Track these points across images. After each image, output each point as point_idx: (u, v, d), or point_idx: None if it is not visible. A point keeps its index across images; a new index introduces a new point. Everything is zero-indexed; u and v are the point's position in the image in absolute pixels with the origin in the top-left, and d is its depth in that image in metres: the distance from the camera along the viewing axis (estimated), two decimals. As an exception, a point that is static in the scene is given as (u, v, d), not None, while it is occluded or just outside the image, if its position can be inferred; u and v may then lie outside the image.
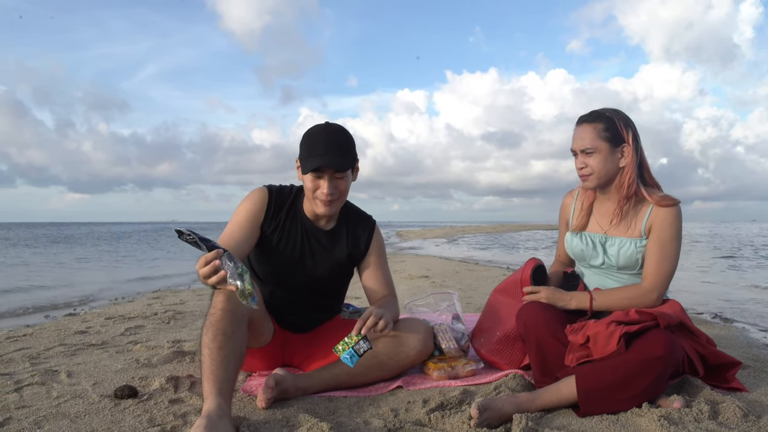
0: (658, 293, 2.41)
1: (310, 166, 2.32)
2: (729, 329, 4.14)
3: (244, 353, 2.13)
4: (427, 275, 8.21)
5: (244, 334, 2.13)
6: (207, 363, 1.98)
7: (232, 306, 2.09)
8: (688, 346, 2.25)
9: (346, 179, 2.42)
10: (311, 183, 2.38)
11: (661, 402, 2.11)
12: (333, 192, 2.37)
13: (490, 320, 2.73)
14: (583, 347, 2.21)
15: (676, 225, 2.42)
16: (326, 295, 2.70)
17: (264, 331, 2.45)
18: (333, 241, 2.59)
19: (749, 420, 1.99)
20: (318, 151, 2.34)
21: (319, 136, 2.38)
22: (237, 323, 2.09)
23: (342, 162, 2.36)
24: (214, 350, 1.99)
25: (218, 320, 2.05)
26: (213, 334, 2.02)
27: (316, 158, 2.32)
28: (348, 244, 2.61)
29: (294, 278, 2.56)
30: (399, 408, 2.18)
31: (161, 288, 8.05)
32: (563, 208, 2.76)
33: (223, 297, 2.10)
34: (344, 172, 2.38)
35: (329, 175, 2.36)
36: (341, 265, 2.62)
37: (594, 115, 2.46)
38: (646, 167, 2.48)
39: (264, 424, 1.98)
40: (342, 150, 2.37)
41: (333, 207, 2.44)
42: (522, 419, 1.92)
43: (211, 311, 2.09)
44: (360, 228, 2.65)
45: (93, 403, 2.23)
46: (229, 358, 2.00)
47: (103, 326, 4.16)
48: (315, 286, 2.61)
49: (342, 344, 2.21)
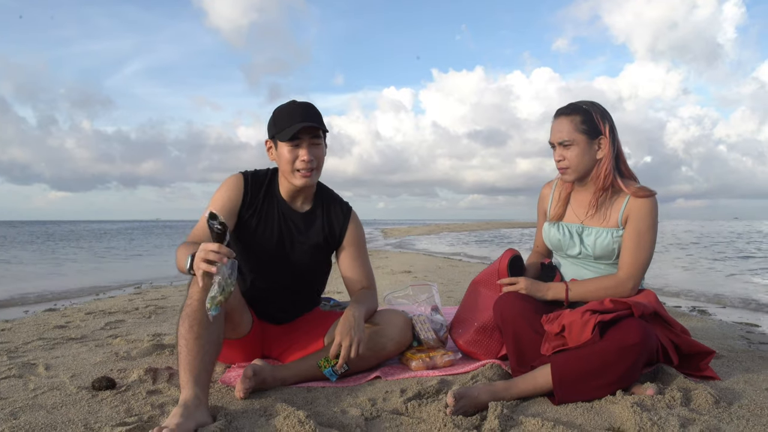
0: (634, 283, 2.44)
1: (289, 134, 2.33)
2: (706, 321, 4.20)
3: (221, 343, 2.13)
4: (410, 270, 8.23)
5: (220, 324, 2.13)
6: (183, 353, 1.99)
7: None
8: (663, 335, 2.28)
9: (321, 147, 2.44)
10: (290, 154, 2.38)
11: (635, 389, 2.15)
12: (312, 159, 2.38)
13: (468, 311, 2.75)
14: (558, 336, 2.23)
15: (653, 215, 2.45)
16: (305, 283, 2.69)
17: (242, 322, 2.45)
18: (309, 223, 2.58)
19: (720, 406, 2.03)
20: (295, 119, 2.35)
21: (291, 107, 2.41)
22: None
23: (317, 123, 2.38)
24: (190, 341, 2.00)
25: (194, 311, 2.05)
26: (189, 325, 2.02)
27: (293, 126, 2.34)
28: (324, 227, 2.60)
29: (272, 263, 2.54)
30: (377, 397, 2.19)
31: (143, 284, 8.00)
32: (541, 198, 2.79)
33: (199, 288, 2.10)
34: (320, 137, 2.41)
35: (307, 142, 2.37)
36: (318, 247, 2.60)
37: (571, 107, 2.48)
38: (623, 159, 2.51)
39: (242, 413, 1.98)
40: (316, 116, 2.41)
41: (313, 177, 2.43)
42: (497, 407, 1.95)
43: (188, 302, 2.09)
44: (335, 211, 2.64)
45: (70, 394, 2.22)
46: (206, 349, 2.00)
47: (83, 321, 4.14)
48: (293, 271, 2.59)
49: (324, 361, 2.33)
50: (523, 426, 1.87)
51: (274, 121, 2.42)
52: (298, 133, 2.34)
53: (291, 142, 2.36)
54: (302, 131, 2.35)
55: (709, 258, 12.88)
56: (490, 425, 1.84)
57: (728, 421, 1.90)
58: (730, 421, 1.91)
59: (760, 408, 2.03)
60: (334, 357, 2.26)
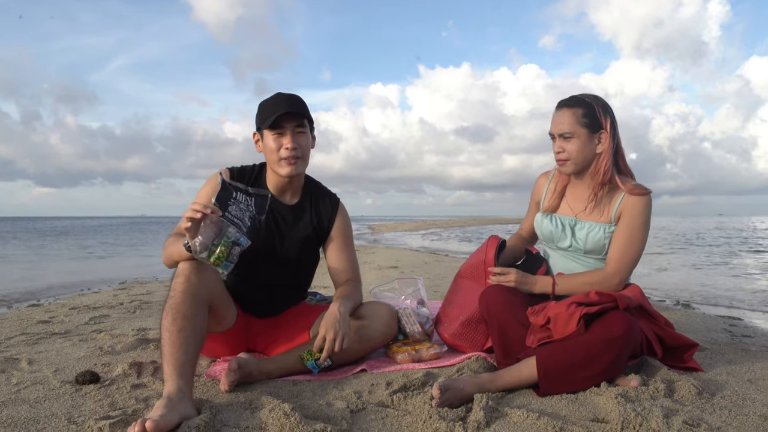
0: (621, 278, 2.46)
1: (271, 120, 2.34)
2: (689, 315, 4.23)
3: (204, 336, 2.12)
4: (396, 266, 8.24)
5: (204, 317, 2.12)
6: (167, 346, 1.97)
7: (192, 289, 2.08)
8: (647, 328, 2.29)
9: (306, 136, 2.44)
10: (274, 142, 2.38)
11: (619, 381, 2.16)
12: (296, 147, 2.38)
13: (454, 304, 2.75)
14: (543, 328, 2.24)
15: (646, 214, 2.46)
16: (292, 276, 2.68)
17: (227, 316, 2.44)
18: (297, 216, 2.58)
19: (703, 397, 2.05)
20: (277, 108, 2.36)
21: (275, 97, 2.41)
22: (197, 306, 2.08)
23: (299, 110, 2.38)
24: (173, 333, 1.99)
25: (178, 303, 2.04)
26: (173, 317, 2.02)
27: (278, 111, 2.34)
28: (312, 219, 2.60)
29: (260, 258, 2.52)
30: (362, 390, 2.19)
31: (128, 279, 7.95)
32: (537, 186, 2.78)
33: (182, 280, 2.09)
34: (304, 125, 2.41)
35: (291, 130, 2.37)
36: (307, 240, 2.59)
37: (574, 100, 2.48)
38: (622, 155, 2.51)
39: (227, 406, 1.97)
40: (300, 104, 2.41)
41: (298, 166, 2.43)
42: (483, 399, 1.95)
43: (171, 294, 2.08)
44: (323, 202, 2.64)
45: (53, 388, 2.20)
46: (189, 341, 1.99)
47: (67, 316, 4.11)
48: (281, 265, 2.58)
49: (307, 354, 2.33)
50: (508, 417, 1.88)
51: (259, 112, 2.43)
52: (281, 121, 2.35)
53: (275, 130, 2.37)
54: (286, 120, 2.35)
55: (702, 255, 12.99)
56: (476, 417, 1.84)
57: (711, 412, 1.92)
58: (712, 411, 1.93)
59: (742, 399, 2.05)
60: (318, 350, 2.26)
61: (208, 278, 2.18)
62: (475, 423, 1.81)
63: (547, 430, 1.78)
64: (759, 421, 1.84)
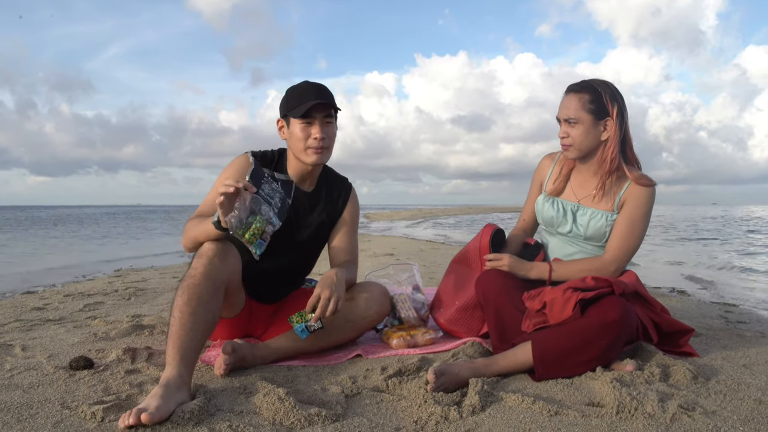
0: (617, 266, 2.45)
1: (301, 110, 2.32)
2: (685, 301, 4.24)
3: (216, 322, 2.09)
4: (392, 253, 8.24)
5: (219, 302, 2.10)
6: (175, 327, 1.94)
7: (213, 272, 2.05)
8: (643, 314, 2.29)
9: (333, 126, 2.43)
10: (302, 132, 2.36)
11: (615, 366, 2.16)
12: (324, 137, 2.37)
13: (449, 290, 2.75)
14: (539, 313, 2.24)
15: (649, 205, 2.45)
16: (305, 261, 2.71)
17: (236, 302, 2.43)
18: (313, 203, 2.58)
19: (698, 382, 2.05)
20: (308, 96, 2.35)
21: (304, 86, 2.40)
22: (214, 290, 2.06)
23: (330, 101, 2.37)
24: (186, 314, 1.95)
25: (196, 284, 2.01)
26: (188, 298, 1.98)
27: (306, 103, 2.33)
28: (327, 206, 2.61)
29: (278, 243, 2.48)
30: (357, 375, 2.19)
31: (123, 267, 7.94)
32: (540, 168, 2.76)
33: (205, 261, 2.06)
34: (332, 115, 2.40)
35: (320, 120, 2.36)
36: (321, 226, 2.61)
37: (582, 85, 2.46)
38: (630, 144, 2.49)
39: (221, 391, 1.96)
40: (329, 94, 2.41)
41: (324, 155, 2.42)
42: (478, 383, 1.95)
43: (191, 273, 2.05)
44: (337, 189, 2.65)
45: (47, 374, 2.19)
46: (198, 326, 1.96)
47: (62, 303, 4.09)
48: (298, 250, 2.60)
49: (297, 316, 2.28)
50: (504, 402, 1.88)
51: (286, 100, 2.41)
52: (310, 111, 2.33)
53: (303, 119, 2.35)
54: (315, 109, 2.34)
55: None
56: (471, 401, 1.84)
57: (706, 396, 1.93)
58: (707, 396, 1.93)
59: (737, 383, 2.05)
60: (310, 310, 2.24)
61: (230, 263, 2.15)
62: (470, 407, 1.81)
63: (543, 414, 1.78)
64: (753, 405, 1.84)
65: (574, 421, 1.72)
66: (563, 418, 1.74)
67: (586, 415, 1.76)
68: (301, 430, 1.67)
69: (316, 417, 1.72)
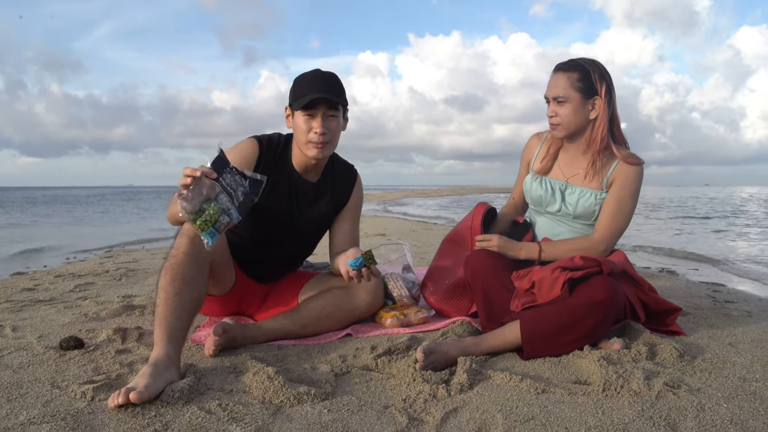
0: (607, 246, 2.47)
1: (303, 102, 2.27)
2: (673, 281, 4.27)
3: (202, 301, 2.10)
4: (384, 233, 8.25)
5: (204, 281, 2.10)
6: (161, 308, 1.95)
7: (195, 251, 2.04)
8: (631, 293, 2.31)
9: (338, 120, 2.36)
10: (304, 124, 2.32)
11: (603, 344, 2.18)
12: (326, 132, 2.31)
13: (440, 269, 2.76)
14: (528, 293, 2.25)
15: (637, 183, 2.46)
16: (306, 248, 2.71)
17: (225, 279, 2.43)
18: (319, 194, 2.55)
19: (684, 360, 2.07)
20: (313, 88, 2.29)
21: (313, 75, 2.34)
22: (198, 269, 2.06)
23: (337, 97, 2.31)
24: (170, 294, 1.96)
25: (179, 264, 2.01)
26: (171, 278, 1.99)
27: (308, 95, 2.27)
28: (334, 197, 2.58)
29: (278, 233, 2.51)
30: (347, 354, 2.20)
31: (114, 247, 7.92)
32: (528, 148, 2.75)
33: (186, 240, 2.05)
34: (336, 109, 2.33)
35: (322, 113, 2.30)
36: (326, 215, 2.59)
37: (570, 64, 2.45)
38: (617, 123, 2.48)
39: (211, 370, 1.97)
40: (334, 88, 2.34)
41: (325, 150, 2.36)
42: (466, 362, 1.96)
43: (173, 253, 2.05)
44: (344, 179, 2.61)
45: (37, 354, 2.19)
46: (184, 305, 1.97)
47: (52, 284, 4.09)
48: (299, 239, 2.59)
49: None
50: (492, 380, 1.90)
51: (293, 89, 2.36)
52: (314, 103, 2.28)
53: (306, 111, 2.30)
54: (318, 102, 2.29)
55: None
56: (459, 379, 1.86)
57: (691, 374, 1.95)
58: (693, 373, 1.96)
59: (722, 361, 2.08)
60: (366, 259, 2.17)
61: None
62: (459, 385, 1.82)
63: (530, 392, 1.79)
64: (738, 383, 1.87)
65: (560, 399, 1.74)
66: (550, 396, 1.76)
67: (572, 392, 1.78)
68: (291, 408, 1.68)
69: (305, 395, 1.73)
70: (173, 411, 1.64)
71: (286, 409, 1.67)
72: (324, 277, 2.61)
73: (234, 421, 1.58)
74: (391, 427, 1.56)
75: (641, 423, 1.56)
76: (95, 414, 1.62)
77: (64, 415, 1.60)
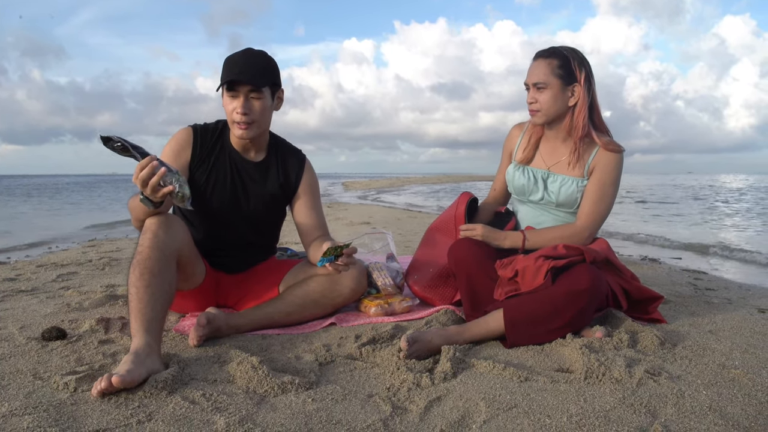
0: (590, 232, 2.48)
1: (223, 82, 2.28)
2: (655, 269, 4.31)
3: (173, 293, 2.10)
4: (369, 222, 8.26)
5: (172, 273, 2.11)
6: (134, 302, 1.96)
7: (160, 244, 2.06)
8: (613, 281, 2.33)
9: (262, 101, 2.34)
10: (229, 105, 2.33)
11: (585, 333, 2.20)
12: (246, 112, 2.30)
13: (425, 257, 2.77)
14: (511, 281, 2.27)
15: (617, 170, 2.48)
16: (260, 233, 2.67)
17: (195, 273, 2.42)
18: (263, 173, 2.55)
19: (665, 347, 2.10)
20: (234, 69, 2.28)
21: (237, 56, 2.33)
22: (165, 262, 2.06)
23: (255, 79, 2.29)
24: (141, 288, 1.96)
25: (145, 259, 2.02)
26: (140, 273, 1.99)
27: (230, 75, 2.27)
28: (279, 175, 2.57)
29: (227, 215, 2.51)
30: (331, 343, 2.21)
31: (97, 236, 7.86)
32: (509, 138, 2.76)
33: (150, 236, 2.06)
34: (259, 91, 2.31)
35: (244, 94, 2.30)
36: (274, 197, 2.57)
37: (550, 51, 2.46)
38: (597, 111, 2.50)
39: (195, 360, 1.97)
40: (258, 69, 2.31)
41: (250, 131, 2.36)
42: (450, 350, 1.98)
43: (139, 249, 2.05)
44: (290, 160, 2.61)
45: (19, 345, 2.17)
46: (156, 297, 1.97)
47: (34, 273, 4.05)
48: (249, 221, 2.57)
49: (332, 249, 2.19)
50: (475, 368, 1.91)
51: (222, 68, 2.35)
52: (235, 84, 2.28)
53: (229, 92, 2.31)
54: (239, 82, 2.28)
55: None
56: (443, 368, 1.87)
57: (672, 361, 1.97)
58: (673, 361, 1.98)
59: (702, 349, 2.11)
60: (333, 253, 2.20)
61: (176, 234, 2.15)
62: (442, 374, 1.84)
63: (513, 380, 1.81)
64: (718, 370, 1.90)
65: (543, 387, 1.75)
66: (533, 384, 1.78)
67: (555, 380, 1.80)
68: (275, 397, 1.68)
69: (289, 385, 1.73)
70: (157, 401, 1.63)
71: (270, 399, 1.67)
72: (306, 266, 2.61)
73: (218, 411, 1.58)
74: (376, 416, 1.57)
75: (622, 410, 1.58)
76: (78, 405, 1.61)
77: (47, 406, 1.59)
